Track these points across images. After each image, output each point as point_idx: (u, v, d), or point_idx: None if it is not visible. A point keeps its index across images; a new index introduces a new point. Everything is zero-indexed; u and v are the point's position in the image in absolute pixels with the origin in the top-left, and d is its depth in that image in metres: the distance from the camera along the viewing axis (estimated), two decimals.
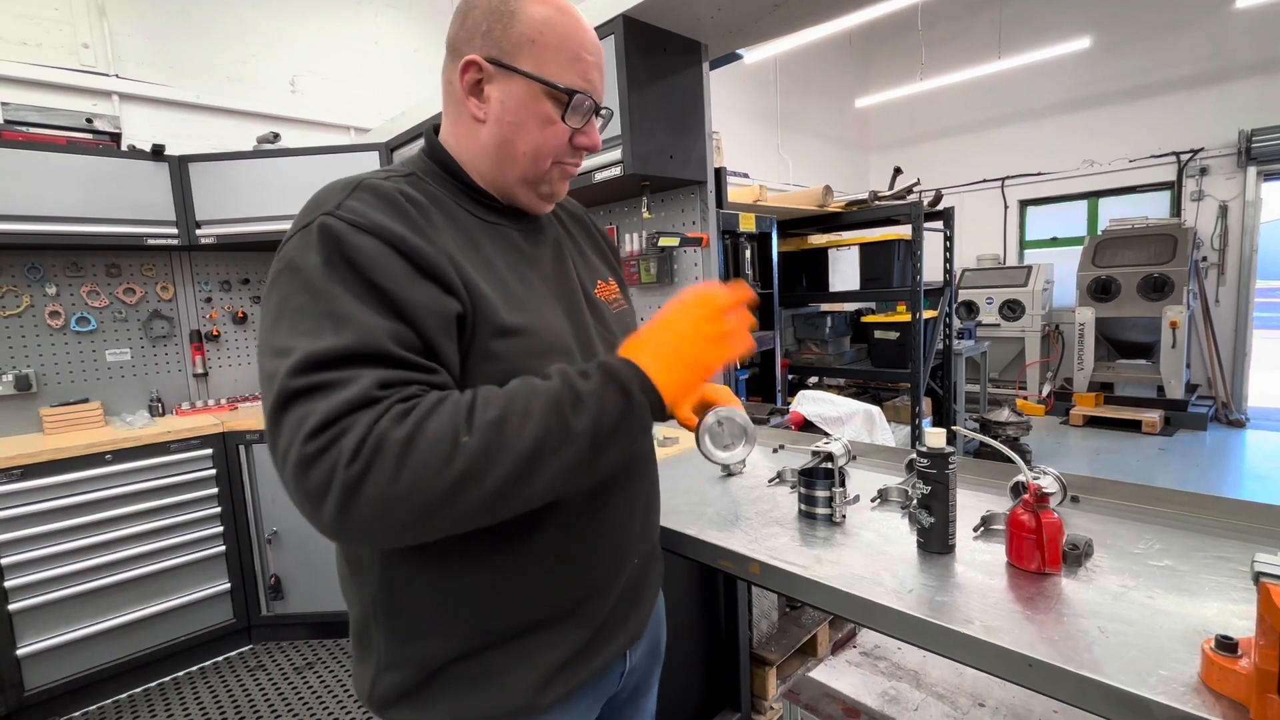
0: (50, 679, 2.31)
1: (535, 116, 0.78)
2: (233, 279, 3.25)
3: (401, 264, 0.67)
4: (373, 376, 0.61)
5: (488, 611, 0.75)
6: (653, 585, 0.96)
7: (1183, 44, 6.23)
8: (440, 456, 0.59)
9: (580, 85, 0.79)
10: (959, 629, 0.80)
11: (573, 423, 0.63)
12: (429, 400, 0.62)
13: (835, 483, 1.18)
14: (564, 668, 0.79)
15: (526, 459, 0.61)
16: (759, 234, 2.77)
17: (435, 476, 0.58)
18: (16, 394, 2.65)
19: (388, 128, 3.05)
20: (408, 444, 0.58)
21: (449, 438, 0.59)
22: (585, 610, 0.81)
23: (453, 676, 0.76)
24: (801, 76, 7.45)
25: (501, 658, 0.77)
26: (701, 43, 1.95)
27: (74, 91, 2.89)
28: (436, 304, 0.67)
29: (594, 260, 0.99)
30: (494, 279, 0.76)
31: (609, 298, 0.94)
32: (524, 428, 0.61)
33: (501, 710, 0.76)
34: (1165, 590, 0.87)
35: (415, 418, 0.60)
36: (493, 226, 0.82)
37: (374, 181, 0.73)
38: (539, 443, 0.61)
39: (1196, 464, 4.85)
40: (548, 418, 0.62)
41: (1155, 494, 1.17)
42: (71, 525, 2.32)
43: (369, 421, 0.58)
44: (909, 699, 1.48)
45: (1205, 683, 0.67)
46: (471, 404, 0.62)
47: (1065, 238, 7.36)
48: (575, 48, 0.78)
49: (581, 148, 0.83)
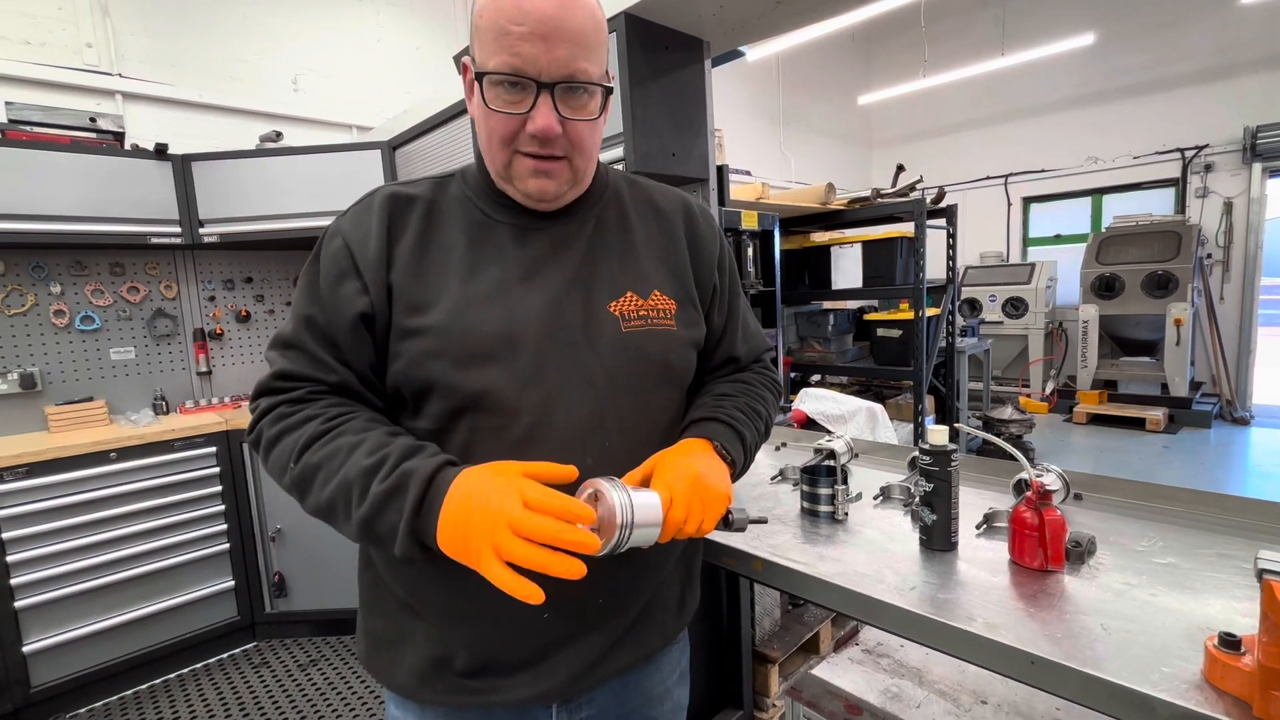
0: (56, 676, 2.32)
1: (479, 107, 0.75)
2: (236, 278, 3.25)
3: (347, 264, 0.77)
4: (278, 366, 0.78)
5: (401, 585, 0.82)
6: (585, 652, 0.80)
7: (1188, 39, 6.20)
8: (280, 467, 0.74)
9: (505, 64, 0.70)
10: (962, 626, 0.80)
11: (353, 510, 0.68)
12: (298, 415, 0.75)
13: (838, 480, 1.18)
14: (441, 670, 0.80)
15: (324, 510, 0.71)
16: (761, 232, 2.76)
17: (279, 476, 0.75)
18: (21, 392, 2.67)
19: (390, 126, 3.05)
20: (270, 445, 0.75)
21: (286, 456, 0.73)
22: (464, 634, 0.79)
23: (371, 632, 0.86)
24: (804, 73, 7.44)
25: (398, 632, 0.83)
26: (704, 40, 1.94)
27: (77, 91, 2.90)
28: (348, 304, 0.76)
29: (645, 267, 0.86)
30: (439, 279, 0.78)
31: (633, 312, 0.82)
32: (325, 486, 0.70)
33: (393, 683, 0.83)
34: (1168, 587, 0.87)
35: (281, 428, 0.74)
36: (491, 224, 0.81)
37: (390, 188, 0.83)
38: (330, 503, 0.70)
39: (1200, 462, 4.83)
40: (339, 489, 0.69)
41: (1158, 491, 1.16)
42: (76, 523, 2.33)
43: (263, 410, 0.77)
44: (911, 696, 1.48)
45: (1208, 680, 0.67)
46: (313, 438, 0.72)
47: (1069, 235, 7.33)
48: (502, 22, 0.70)
49: (531, 135, 0.73)
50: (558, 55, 0.71)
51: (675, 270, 0.88)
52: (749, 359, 0.98)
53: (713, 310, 0.93)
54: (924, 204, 4.01)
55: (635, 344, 0.81)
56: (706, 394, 0.93)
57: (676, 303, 0.86)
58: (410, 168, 2.83)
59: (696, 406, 0.90)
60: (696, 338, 0.89)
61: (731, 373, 0.97)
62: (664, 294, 0.85)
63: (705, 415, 0.87)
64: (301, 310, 0.79)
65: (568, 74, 0.72)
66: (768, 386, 0.98)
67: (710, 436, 0.83)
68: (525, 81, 0.71)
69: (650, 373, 0.83)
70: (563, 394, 0.76)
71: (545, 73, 0.71)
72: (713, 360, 0.95)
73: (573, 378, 0.77)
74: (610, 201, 0.88)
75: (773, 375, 1.01)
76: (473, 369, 0.74)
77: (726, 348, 0.96)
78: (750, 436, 0.88)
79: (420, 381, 0.76)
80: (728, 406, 0.88)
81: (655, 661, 0.92)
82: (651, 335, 0.82)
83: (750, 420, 0.89)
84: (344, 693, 2.44)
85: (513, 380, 0.75)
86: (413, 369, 0.75)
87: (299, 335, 0.78)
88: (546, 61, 0.71)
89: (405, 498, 0.65)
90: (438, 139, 2.67)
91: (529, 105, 0.72)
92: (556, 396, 0.76)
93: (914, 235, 3.98)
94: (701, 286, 0.91)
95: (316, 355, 0.77)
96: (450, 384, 0.74)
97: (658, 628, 0.89)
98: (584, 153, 0.78)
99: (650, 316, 0.83)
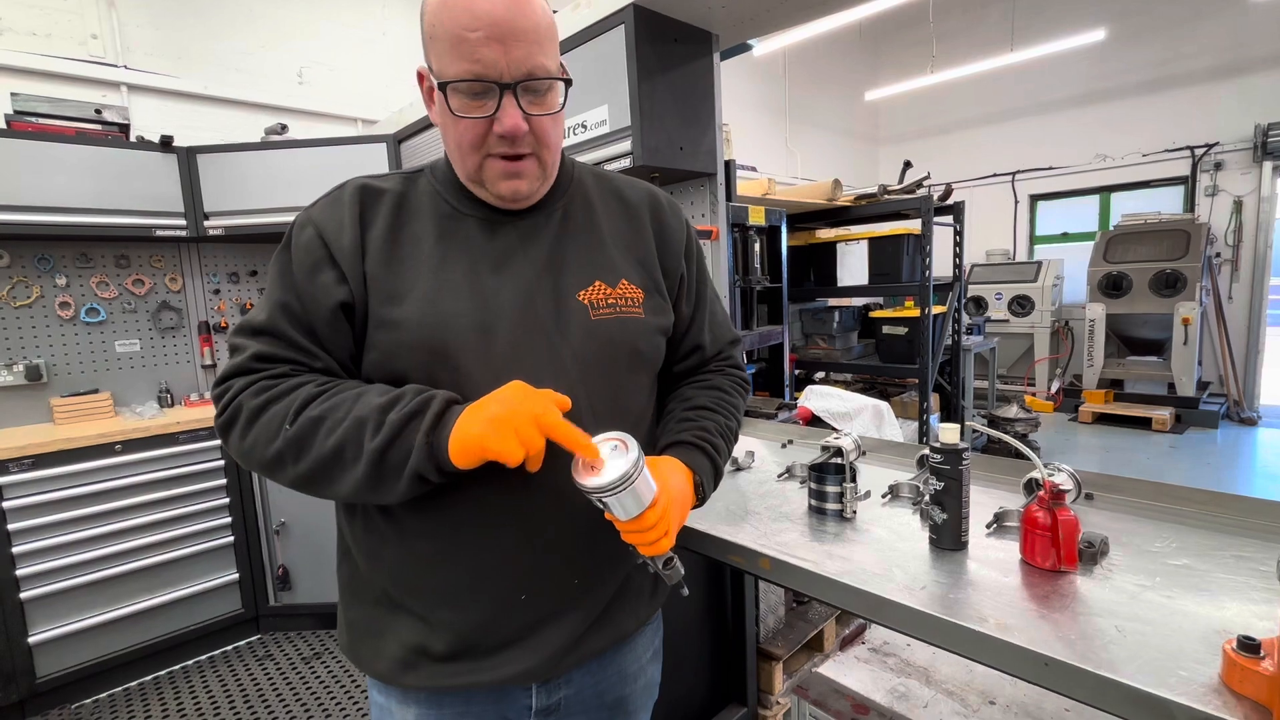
0: (61, 667, 2.33)
1: (443, 115, 0.77)
2: (240, 271, 3.25)
3: (321, 253, 0.77)
4: (255, 349, 0.75)
5: (381, 573, 0.82)
6: (562, 633, 0.83)
7: (1200, 36, 6.13)
8: (269, 435, 0.71)
9: (467, 71, 0.71)
10: (974, 626, 0.79)
11: (365, 444, 0.69)
12: (287, 384, 0.73)
13: (846, 478, 1.17)
14: (421, 655, 0.81)
15: (327, 460, 0.70)
16: (768, 227, 2.74)
17: (265, 446, 0.72)
18: (27, 384, 2.67)
19: (395, 119, 3.04)
20: (253, 416, 0.72)
21: (279, 420, 0.71)
22: (444, 616, 0.80)
23: (351, 622, 0.87)
24: (810, 69, 7.39)
25: (378, 622, 0.84)
26: (712, 33, 1.92)
27: (83, 82, 2.89)
28: (326, 294, 0.76)
29: (613, 257, 0.88)
30: (411, 270, 0.78)
31: (602, 300, 0.84)
32: (331, 434, 0.70)
33: (375, 670, 0.84)
34: (1183, 589, 0.86)
35: (267, 396, 0.72)
36: (459, 217, 0.83)
37: (360, 180, 0.83)
38: (337, 450, 0.70)
39: (1208, 462, 4.80)
40: (350, 430, 0.69)
41: (1172, 492, 1.15)
42: (82, 515, 2.34)
43: (238, 389, 0.74)
44: (918, 696, 1.48)
45: (1226, 684, 0.65)
46: (310, 398, 0.72)
47: (1076, 233, 7.28)
48: (457, 30, 0.71)
49: (500, 136, 0.75)
50: (516, 55, 0.72)
51: (642, 260, 0.91)
52: (715, 347, 1.01)
53: (680, 299, 0.96)
54: (931, 201, 3.98)
55: (604, 332, 0.83)
56: (687, 405, 0.95)
57: (644, 291, 0.88)
58: (415, 161, 2.82)
59: (679, 421, 0.93)
60: (664, 325, 0.92)
61: (698, 363, 1.00)
62: (631, 283, 0.87)
63: (691, 441, 0.90)
64: (276, 298, 0.77)
65: (527, 71, 0.73)
66: (739, 392, 1.02)
67: (695, 469, 0.87)
68: (488, 85, 0.73)
69: (620, 359, 0.85)
70: (536, 382, 0.76)
71: (506, 74, 0.73)
72: (680, 348, 0.98)
73: (545, 366, 0.79)
74: (576, 194, 0.90)
75: (743, 376, 1.05)
76: (447, 358, 0.76)
77: (694, 336, 0.99)
78: (721, 469, 0.94)
79: (395, 372, 0.77)
80: (711, 432, 0.91)
81: (630, 641, 0.95)
82: (620, 323, 0.85)
83: (726, 448, 0.94)
84: (347, 686, 2.44)
85: (486, 369, 0.77)
86: (388, 360, 0.77)
87: (275, 322, 0.76)
88: (506, 63, 0.72)
89: (424, 416, 0.69)
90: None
91: (493, 108, 0.74)
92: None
93: (920, 232, 3.96)
94: (669, 276, 0.93)
95: (296, 341, 0.76)
96: (425, 374, 0.76)
97: (631, 610, 0.92)
98: (549, 146, 0.80)
99: (618, 305, 0.85)
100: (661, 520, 0.74)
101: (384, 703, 0.87)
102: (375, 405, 0.70)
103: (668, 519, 0.76)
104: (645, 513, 0.73)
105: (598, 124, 1.86)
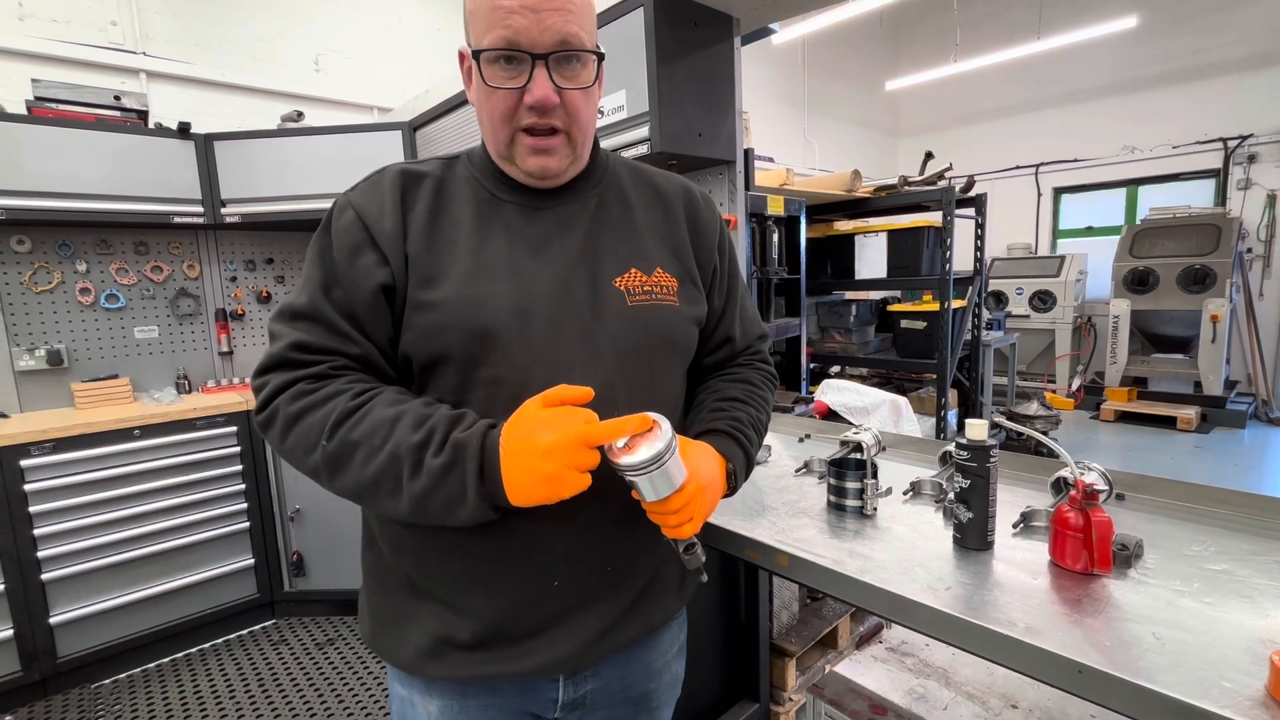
0: (81, 647, 2.37)
1: (478, 89, 0.78)
2: (257, 258, 3.27)
3: (362, 236, 0.77)
4: (293, 338, 0.75)
5: (405, 559, 0.82)
6: (593, 622, 0.82)
7: (1235, 23, 5.93)
8: (306, 445, 0.72)
9: (499, 39, 0.72)
10: (1002, 630, 0.76)
11: (404, 484, 0.69)
12: (323, 391, 0.72)
13: (866, 474, 1.14)
14: (446, 645, 0.79)
15: (366, 487, 0.70)
16: (786, 218, 2.70)
17: (304, 456, 0.72)
18: (49, 368, 2.71)
19: (411, 106, 3.02)
20: (289, 423, 0.72)
21: (316, 434, 0.70)
22: (472, 603, 0.79)
23: (374, 610, 0.86)
24: (829, 58, 7.27)
25: (402, 610, 0.83)
26: (733, 16, 1.88)
27: (102, 69, 2.91)
28: (367, 276, 0.75)
29: (647, 246, 0.87)
30: (450, 252, 0.78)
31: (638, 288, 0.84)
32: (368, 463, 0.69)
33: (398, 660, 0.83)
34: (1224, 596, 0.82)
35: (303, 405, 0.72)
36: (498, 202, 0.83)
37: (400, 166, 0.83)
38: (376, 480, 0.70)
39: (1234, 463, 4.69)
40: (388, 464, 0.69)
41: (1208, 493, 1.10)
42: (101, 498, 2.37)
43: (275, 388, 0.74)
44: (937, 698, 1.44)
45: (1274, 697, 0.62)
46: (347, 412, 0.71)
47: (1100, 227, 7.11)
48: (492, 1, 0.73)
49: (529, 107, 0.75)
50: (549, 24, 0.72)
51: (676, 250, 0.91)
52: (745, 341, 1.01)
53: (713, 291, 0.95)
54: (953, 192, 3.90)
55: (641, 318, 0.83)
56: (718, 395, 0.94)
57: (678, 281, 0.88)
58: (431, 149, 2.81)
59: (711, 410, 0.91)
60: (698, 315, 0.91)
61: (728, 356, 1.00)
62: (667, 272, 0.87)
63: (725, 429, 0.89)
64: (317, 280, 0.77)
65: (559, 40, 0.73)
66: (769, 386, 1.02)
67: (728, 457, 0.86)
68: (520, 55, 0.73)
69: (656, 346, 0.85)
70: (573, 366, 0.77)
71: (538, 43, 0.73)
72: (711, 341, 0.98)
73: (582, 351, 0.78)
74: (611, 183, 0.90)
75: (772, 370, 1.05)
76: (485, 341, 0.75)
77: (725, 328, 0.98)
78: (754, 461, 0.92)
79: (432, 353, 0.76)
80: (743, 423, 0.90)
81: (657, 636, 0.94)
82: (656, 310, 0.85)
83: (758, 439, 0.93)
84: (360, 672, 2.46)
85: (524, 352, 0.76)
86: (425, 341, 0.76)
87: (316, 305, 0.76)
88: (538, 32, 0.72)
89: (464, 470, 0.68)
90: (458, 120, 2.64)
91: (525, 78, 0.74)
92: (567, 369, 0.77)
93: (941, 225, 3.88)
94: (703, 267, 0.93)
95: (337, 326, 0.76)
96: (463, 356, 0.76)
97: (660, 604, 0.90)
98: (580, 124, 0.79)
99: (654, 292, 0.85)
100: (690, 505, 0.73)
101: (406, 694, 0.86)
102: (410, 444, 0.68)
103: (696, 503, 0.75)
104: (673, 496, 0.72)
105: (615, 109, 1.82)
